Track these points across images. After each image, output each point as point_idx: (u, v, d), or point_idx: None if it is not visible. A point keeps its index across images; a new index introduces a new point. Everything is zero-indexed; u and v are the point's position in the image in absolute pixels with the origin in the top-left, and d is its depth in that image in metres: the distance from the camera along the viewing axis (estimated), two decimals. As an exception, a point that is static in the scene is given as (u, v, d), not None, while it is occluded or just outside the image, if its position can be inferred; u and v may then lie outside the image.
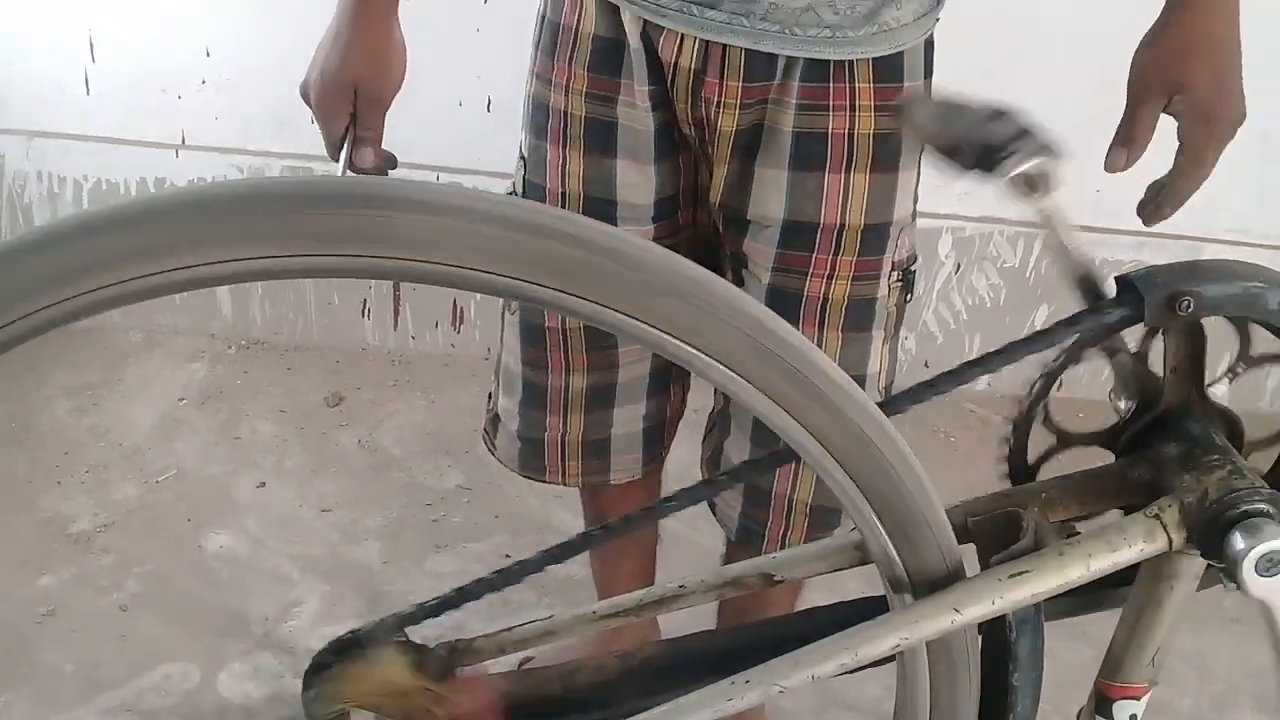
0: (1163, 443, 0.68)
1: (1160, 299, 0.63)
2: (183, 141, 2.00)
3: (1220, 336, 0.69)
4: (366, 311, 2.09)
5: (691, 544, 1.57)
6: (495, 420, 1.22)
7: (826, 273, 1.01)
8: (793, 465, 1.05)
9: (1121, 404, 0.71)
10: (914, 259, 1.07)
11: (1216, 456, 0.65)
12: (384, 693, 0.67)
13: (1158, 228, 0.96)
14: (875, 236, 1.01)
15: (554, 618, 0.75)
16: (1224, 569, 0.62)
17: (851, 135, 0.97)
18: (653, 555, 1.41)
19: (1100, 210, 2.00)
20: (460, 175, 1.96)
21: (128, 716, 1.34)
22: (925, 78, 1.00)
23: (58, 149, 2.02)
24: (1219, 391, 0.70)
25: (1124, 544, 0.63)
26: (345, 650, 0.69)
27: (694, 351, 0.54)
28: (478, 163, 1.94)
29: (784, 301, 1.01)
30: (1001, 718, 0.69)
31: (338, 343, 2.09)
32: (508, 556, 1.72)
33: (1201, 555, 0.64)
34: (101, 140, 2.01)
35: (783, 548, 1.11)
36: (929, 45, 0.99)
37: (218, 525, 1.66)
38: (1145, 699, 0.71)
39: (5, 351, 0.51)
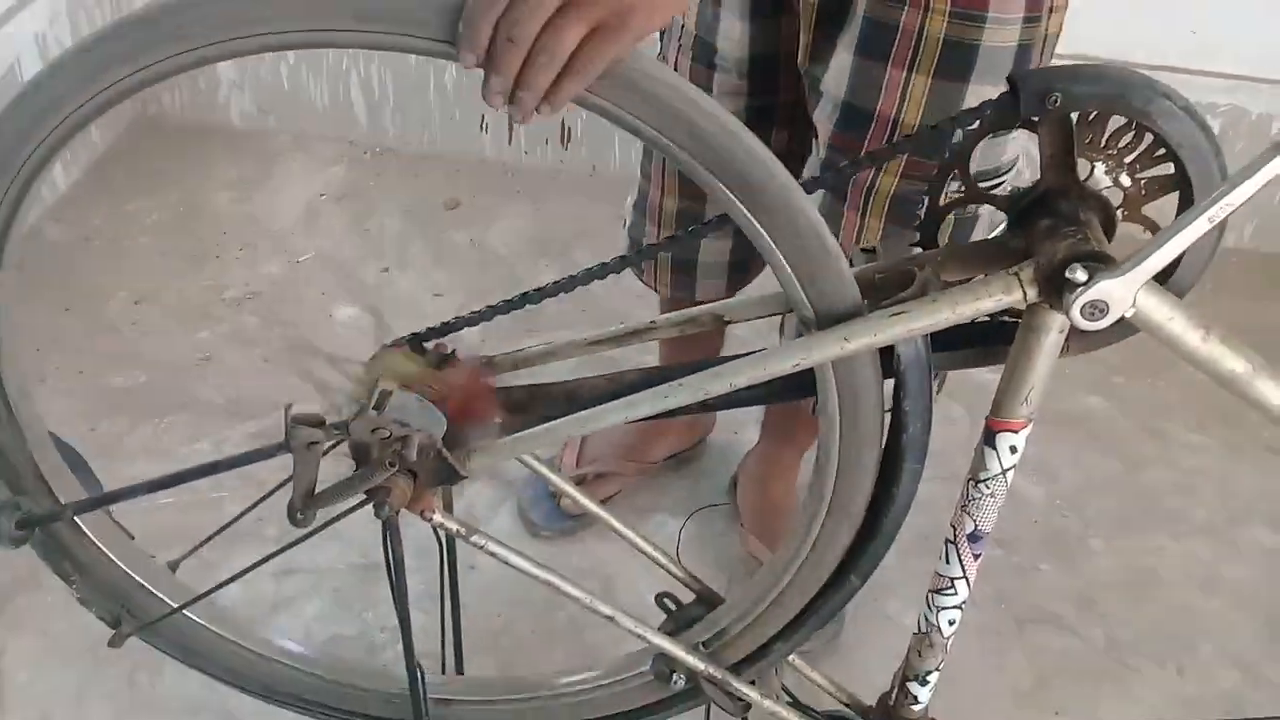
0: (1039, 218, 0.79)
1: (1034, 95, 0.73)
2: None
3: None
4: (484, 126, 2.29)
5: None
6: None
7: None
8: (857, 217, 1.06)
9: (1011, 191, 0.82)
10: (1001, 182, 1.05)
11: (1075, 228, 0.76)
12: (403, 376, 0.88)
13: (1252, 70, 0.96)
14: (931, 138, 0.97)
15: (552, 343, 0.94)
16: (1065, 314, 0.73)
17: (920, 33, 0.96)
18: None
19: (1194, 52, 2.02)
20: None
21: (265, 439, 1.63)
22: None
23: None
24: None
25: (986, 295, 0.75)
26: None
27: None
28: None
29: (834, 180, 0.98)
30: (897, 439, 0.85)
31: (458, 153, 2.30)
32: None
33: (1048, 306, 0.75)
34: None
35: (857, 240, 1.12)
36: None
37: (347, 301, 1.92)
38: (1023, 433, 0.84)
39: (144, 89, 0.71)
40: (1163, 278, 0.77)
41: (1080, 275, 0.71)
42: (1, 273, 0.83)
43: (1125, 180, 0.80)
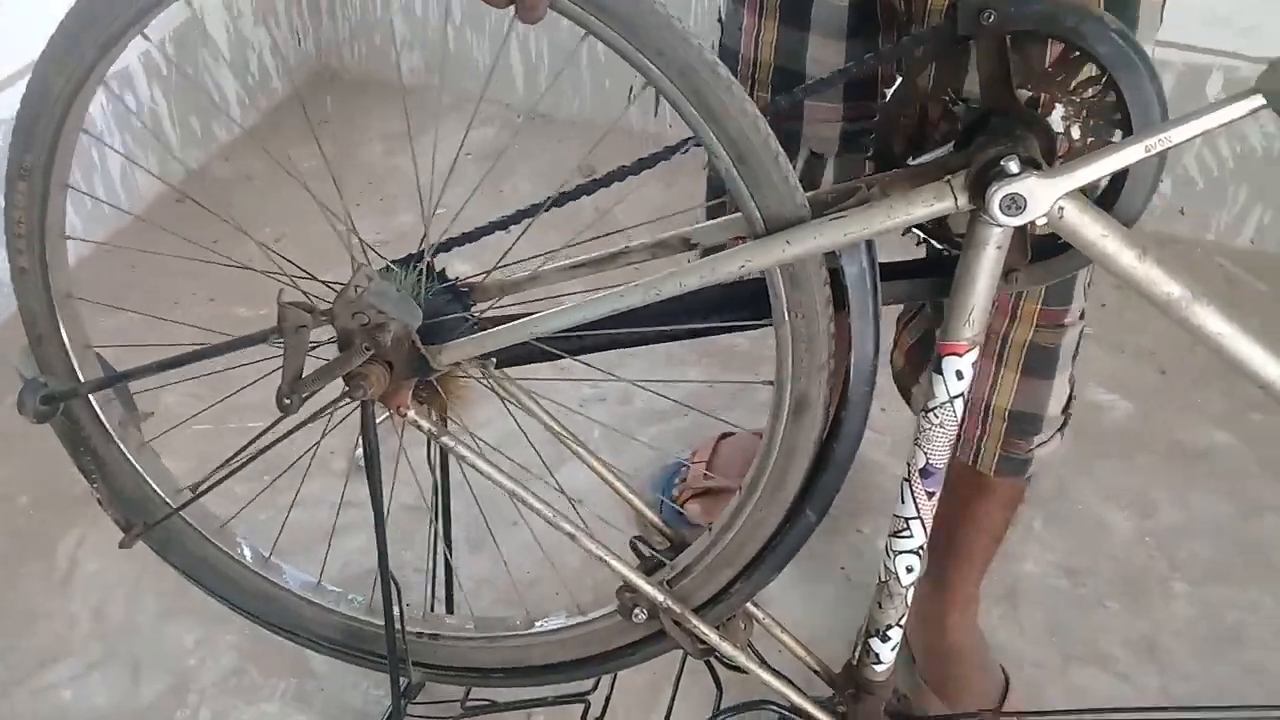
0: (978, 136, 0.80)
1: (970, 13, 0.75)
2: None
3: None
4: (632, 97, 2.32)
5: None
6: None
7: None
8: (992, 370, 1.07)
9: (958, 108, 0.83)
10: None
11: (1010, 141, 0.77)
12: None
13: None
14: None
15: (537, 268, 0.97)
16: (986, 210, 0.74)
17: None
18: None
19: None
20: None
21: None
22: None
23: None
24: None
25: (920, 201, 0.77)
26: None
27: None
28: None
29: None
30: (847, 350, 0.86)
31: (604, 123, 2.34)
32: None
33: (975, 207, 0.76)
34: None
35: (977, 453, 1.13)
36: None
37: (468, 256, 2.00)
38: (968, 356, 0.83)
39: None
40: (1105, 207, 0.79)
41: (1012, 166, 0.74)
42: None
43: (1069, 109, 0.80)
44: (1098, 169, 0.73)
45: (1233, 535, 1.54)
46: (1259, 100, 0.64)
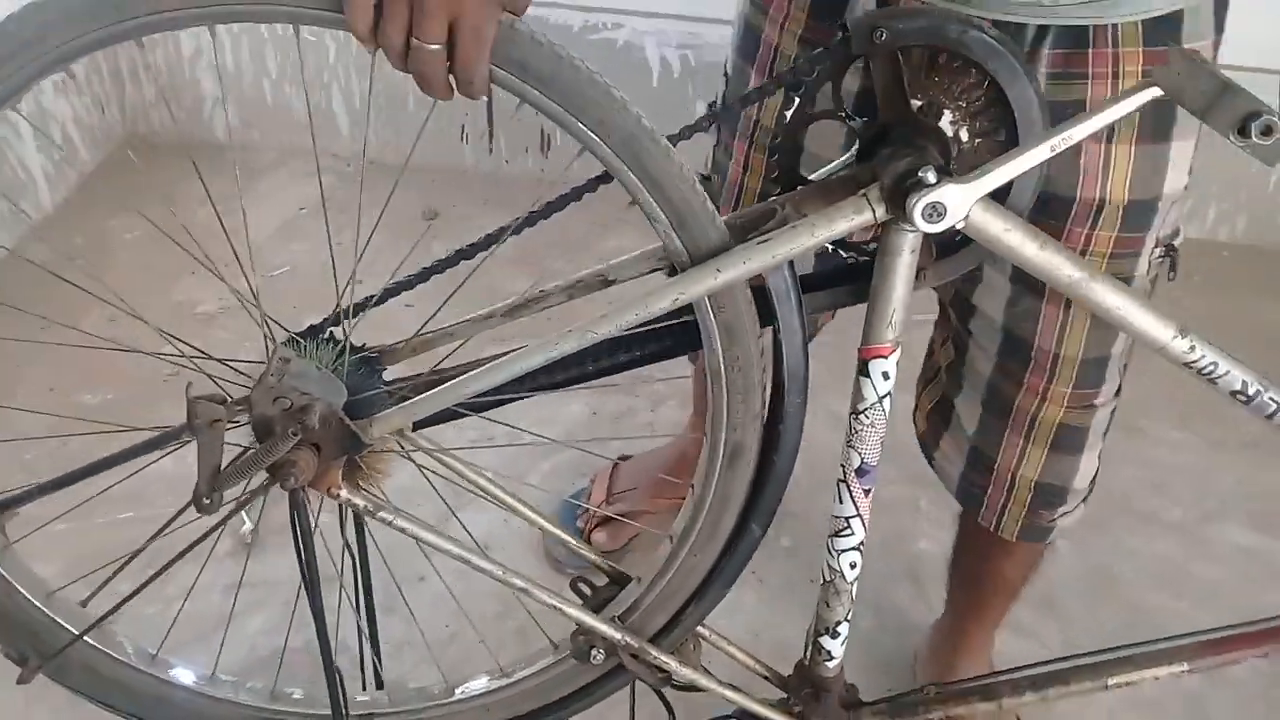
0: (881, 149, 0.84)
1: (863, 32, 0.79)
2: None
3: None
4: (464, 136, 2.30)
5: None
6: None
7: (1080, 246, 0.94)
8: (1020, 444, 1.07)
9: (854, 123, 0.87)
10: (1178, 233, 1.01)
11: (913, 150, 0.81)
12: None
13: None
14: (1140, 212, 0.93)
15: (454, 325, 0.96)
16: (910, 223, 0.78)
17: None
18: None
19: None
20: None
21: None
22: (1216, 33, 0.90)
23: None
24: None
25: (840, 217, 0.80)
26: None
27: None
28: None
29: (1030, 277, 0.86)
30: (779, 376, 0.88)
31: (439, 164, 2.32)
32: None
33: (898, 223, 0.80)
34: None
35: (1000, 520, 1.14)
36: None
37: (317, 314, 1.93)
38: (892, 358, 0.87)
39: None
40: (999, 200, 0.82)
41: (930, 177, 0.77)
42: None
43: (957, 114, 0.85)
44: (1009, 171, 0.77)
45: (1098, 489, 1.66)
46: (1156, 91, 0.70)
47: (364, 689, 1.19)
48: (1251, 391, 0.87)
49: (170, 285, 1.99)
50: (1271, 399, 0.87)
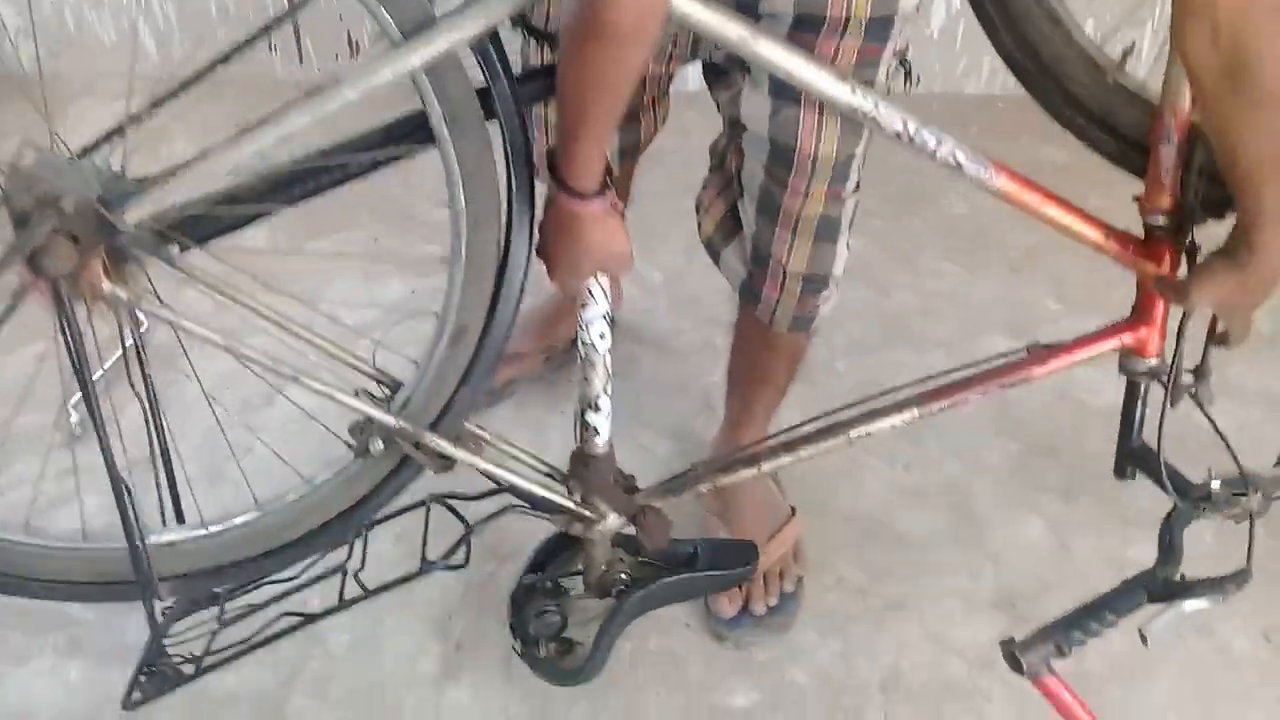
0: None
1: None
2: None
3: None
4: (273, 46, 2.34)
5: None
6: None
7: (831, 56, 1.05)
8: (789, 240, 1.20)
9: None
10: (908, 48, 1.14)
11: None
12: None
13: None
14: (880, 26, 1.04)
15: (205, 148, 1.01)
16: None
17: None
18: None
19: None
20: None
21: None
22: None
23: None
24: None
25: None
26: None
27: None
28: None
29: (785, 86, 1.05)
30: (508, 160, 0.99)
31: (250, 77, 2.33)
32: (375, 240, 2.02)
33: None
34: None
35: (774, 313, 1.29)
36: None
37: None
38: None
39: None
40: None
41: None
42: None
43: None
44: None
45: (874, 314, 1.82)
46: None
47: (164, 523, 1.23)
48: (911, 130, 1.00)
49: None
50: (928, 136, 1.00)
